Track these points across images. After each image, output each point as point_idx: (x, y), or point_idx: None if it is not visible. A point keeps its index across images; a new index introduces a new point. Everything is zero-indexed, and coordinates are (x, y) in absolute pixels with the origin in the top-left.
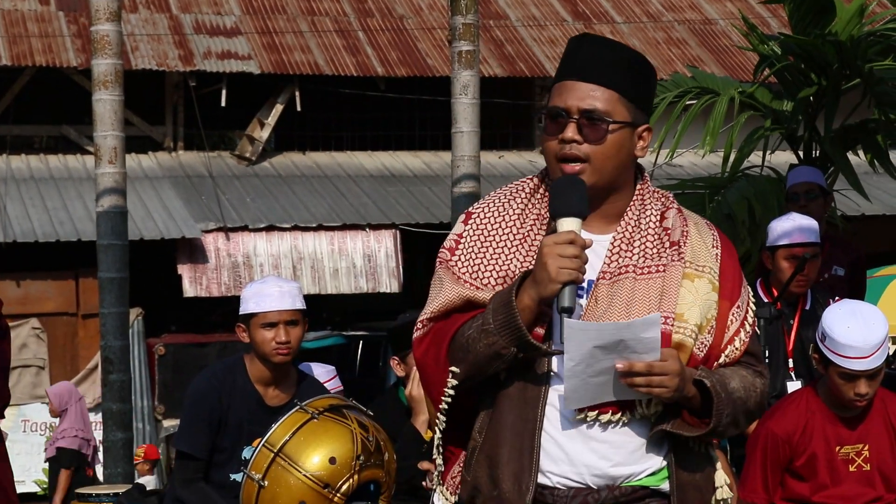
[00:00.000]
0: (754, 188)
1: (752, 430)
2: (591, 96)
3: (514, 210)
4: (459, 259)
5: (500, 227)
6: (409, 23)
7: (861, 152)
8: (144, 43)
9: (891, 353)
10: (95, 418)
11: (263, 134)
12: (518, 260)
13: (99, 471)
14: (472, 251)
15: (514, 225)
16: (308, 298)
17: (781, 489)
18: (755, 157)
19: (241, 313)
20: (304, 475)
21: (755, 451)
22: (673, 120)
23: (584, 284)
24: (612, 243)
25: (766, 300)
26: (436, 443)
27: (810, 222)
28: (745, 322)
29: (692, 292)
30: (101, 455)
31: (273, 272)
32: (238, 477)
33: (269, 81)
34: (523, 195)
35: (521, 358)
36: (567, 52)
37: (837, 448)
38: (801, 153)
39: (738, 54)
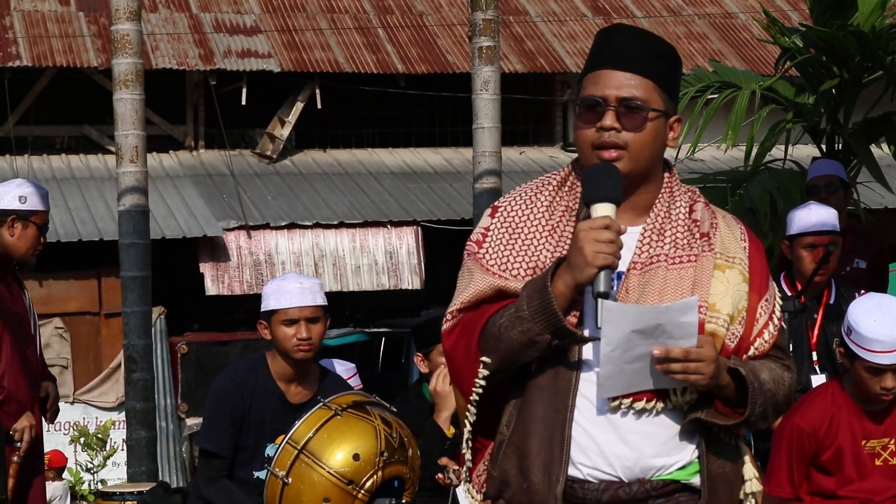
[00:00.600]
0: (776, 182)
1: (778, 424)
2: (628, 84)
3: (542, 202)
4: (487, 251)
5: (529, 218)
6: (428, 20)
7: (884, 145)
8: (165, 42)
9: None
10: (119, 417)
11: (284, 132)
12: (548, 250)
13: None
14: (501, 243)
15: (543, 216)
16: (330, 296)
17: (807, 483)
18: (777, 151)
19: (262, 310)
20: (328, 472)
21: (781, 444)
22: (695, 115)
23: (614, 275)
24: (642, 234)
25: (789, 293)
26: (465, 437)
27: (828, 211)
28: (774, 315)
29: (723, 283)
30: (124, 454)
31: (295, 270)
32: (262, 474)
33: (290, 79)
34: (551, 188)
35: (555, 346)
36: (598, 42)
37: (863, 442)
38: (823, 146)
39: (758, 48)
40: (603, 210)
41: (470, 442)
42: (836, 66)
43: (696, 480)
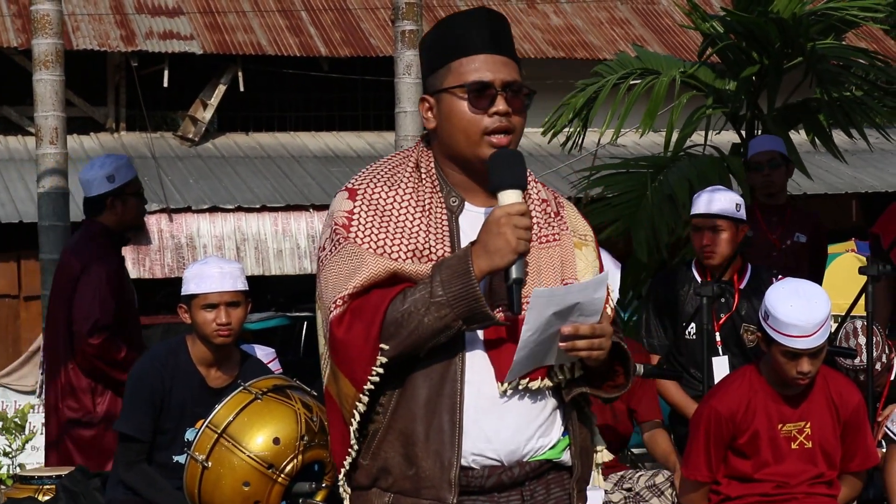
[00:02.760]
0: (696, 169)
1: (696, 409)
2: (507, 68)
3: (406, 185)
4: (358, 235)
5: (396, 201)
6: (352, 3)
7: (803, 131)
8: (86, 23)
9: (832, 331)
10: (38, 400)
11: (206, 115)
12: (424, 232)
13: None
14: (374, 226)
15: (412, 198)
16: (252, 280)
17: (724, 466)
18: (700, 138)
19: (182, 294)
20: (248, 456)
21: (698, 429)
22: (618, 101)
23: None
24: None
25: (699, 279)
26: (354, 427)
27: (717, 194)
28: (610, 291)
29: (583, 260)
30: (42, 438)
31: (216, 253)
32: (181, 458)
33: (212, 62)
34: (409, 170)
35: (463, 331)
36: (466, 24)
37: (780, 426)
38: (743, 132)
39: (680, 34)
40: (513, 196)
41: (357, 433)
42: (756, 53)
43: (563, 457)
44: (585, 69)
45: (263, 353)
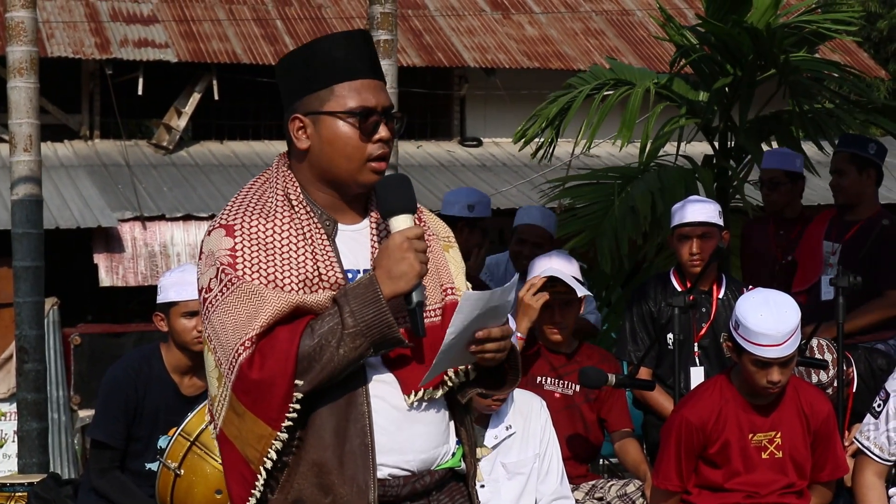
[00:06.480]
0: (660, 182)
1: (667, 418)
2: (384, 93)
3: (282, 216)
4: (246, 272)
5: (276, 233)
6: (327, 12)
7: (775, 143)
8: (60, 30)
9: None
10: (10, 408)
11: (180, 122)
12: (312, 260)
13: None
14: (259, 260)
15: (290, 227)
16: None
17: (695, 476)
18: (674, 149)
19: (159, 302)
20: (221, 464)
21: (669, 438)
22: (593, 112)
23: (360, 272)
24: (370, 229)
25: (679, 289)
26: (268, 466)
27: (703, 205)
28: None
29: (453, 262)
30: (15, 446)
31: (190, 261)
32: (154, 466)
33: (187, 70)
34: (279, 199)
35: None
36: (347, 48)
37: (750, 435)
38: (716, 144)
39: (655, 45)
40: (405, 221)
41: (268, 471)
42: (729, 65)
43: (462, 466)
44: (560, 79)
45: None
